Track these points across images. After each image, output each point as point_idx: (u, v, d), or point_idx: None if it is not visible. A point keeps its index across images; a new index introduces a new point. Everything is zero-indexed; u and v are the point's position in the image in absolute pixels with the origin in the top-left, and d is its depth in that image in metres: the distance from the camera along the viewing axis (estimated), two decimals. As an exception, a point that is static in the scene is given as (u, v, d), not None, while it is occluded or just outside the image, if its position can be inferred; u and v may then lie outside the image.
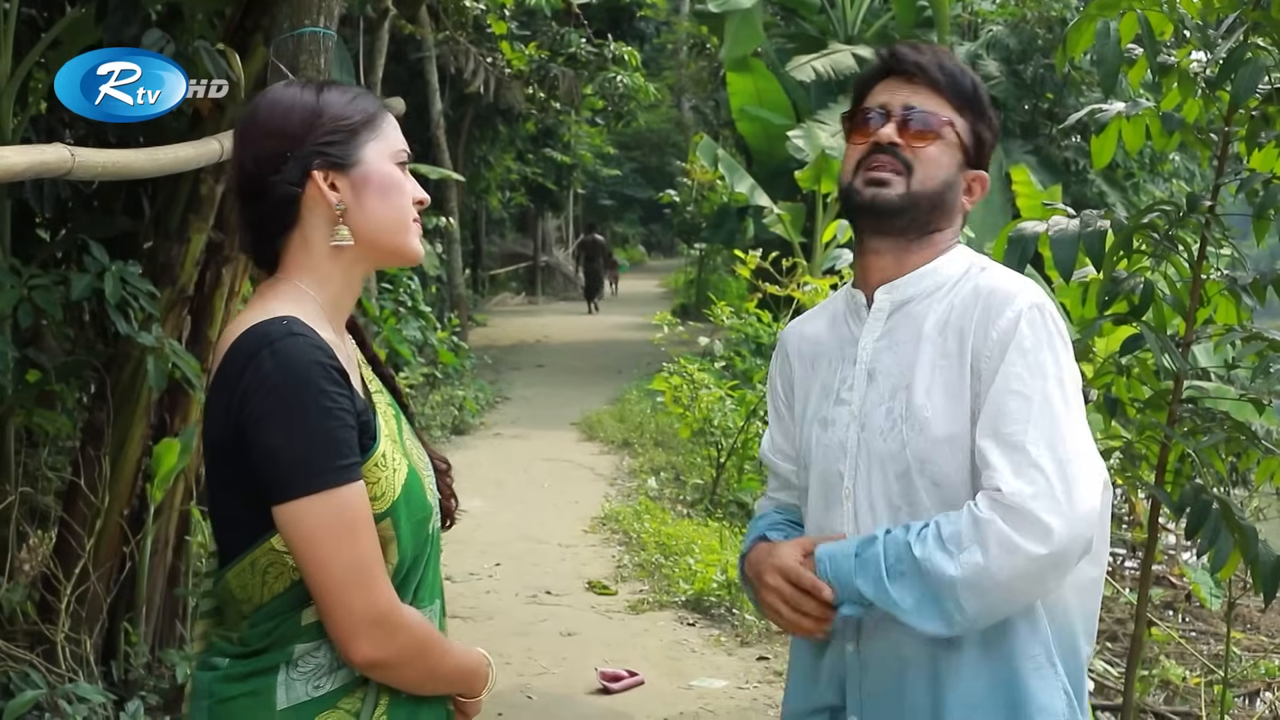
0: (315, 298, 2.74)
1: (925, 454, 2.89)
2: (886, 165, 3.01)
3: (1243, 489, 12.42)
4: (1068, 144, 24.06)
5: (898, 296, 3.04)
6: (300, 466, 2.54)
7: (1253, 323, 5.30)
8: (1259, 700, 9.80)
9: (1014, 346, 2.83)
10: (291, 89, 2.82)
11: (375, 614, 2.59)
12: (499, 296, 39.04)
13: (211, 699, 2.70)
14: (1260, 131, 5.19)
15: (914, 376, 2.94)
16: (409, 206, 2.82)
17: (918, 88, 3.04)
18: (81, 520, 6.72)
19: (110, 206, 6.88)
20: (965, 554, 2.71)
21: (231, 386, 2.59)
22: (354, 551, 2.57)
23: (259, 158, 2.74)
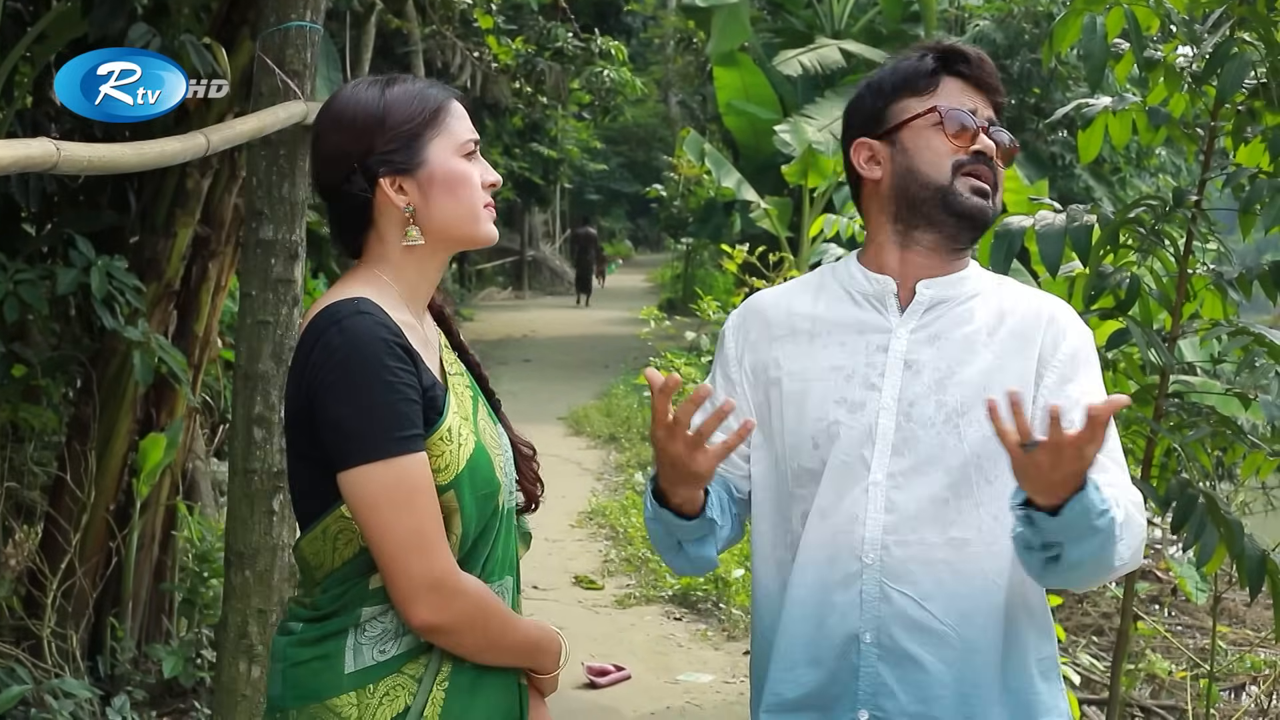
0: (391, 283, 2.84)
1: (985, 448, 2.87)
2: (987, 178, 3.01)
3: (1228, 483, 12.43)
4: (1054, 139, 24.05)
5: (938, 293, 3.02)
6: (362, 436, 2.65)
7: (1239, 317, 5.30)
8: (1244, 694, 9.82)
9: (1089, 366, 2.99)
10: (358, 92, 2.89)
11: (432, 579, 2.68)
12: (486, 291, 38.99)
13: (285, 662, 2.82)
14: (1246, 126, 5.20)
15: (969, 375, 2.94)
16: (478, 196, 2.89)
17: (980, 98, 3.05)
18: (68, 515, 6.72)
19: (96, 201, 6.87)
20: (1123, 545, 2.75)
21: (304, 361, 2.73)
22: (412, 518, 2.66)
23: (329, 166, 2.87)
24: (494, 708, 2.89)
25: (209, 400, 9.04)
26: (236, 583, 5.28)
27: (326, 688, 2.75)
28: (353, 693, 2.74)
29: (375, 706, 2.73)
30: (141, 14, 6.08)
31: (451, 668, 2.80)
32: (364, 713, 2.73)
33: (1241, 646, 10.42)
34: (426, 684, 2.77)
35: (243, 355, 5.25)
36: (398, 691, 2.75)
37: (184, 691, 7.01)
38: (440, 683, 2.78)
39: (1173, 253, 5.24)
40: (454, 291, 28.37)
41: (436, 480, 2.73)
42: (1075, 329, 3.01)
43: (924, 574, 2.90)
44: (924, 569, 2.89)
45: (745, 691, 8.15)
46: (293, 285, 5.17)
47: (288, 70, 5.08)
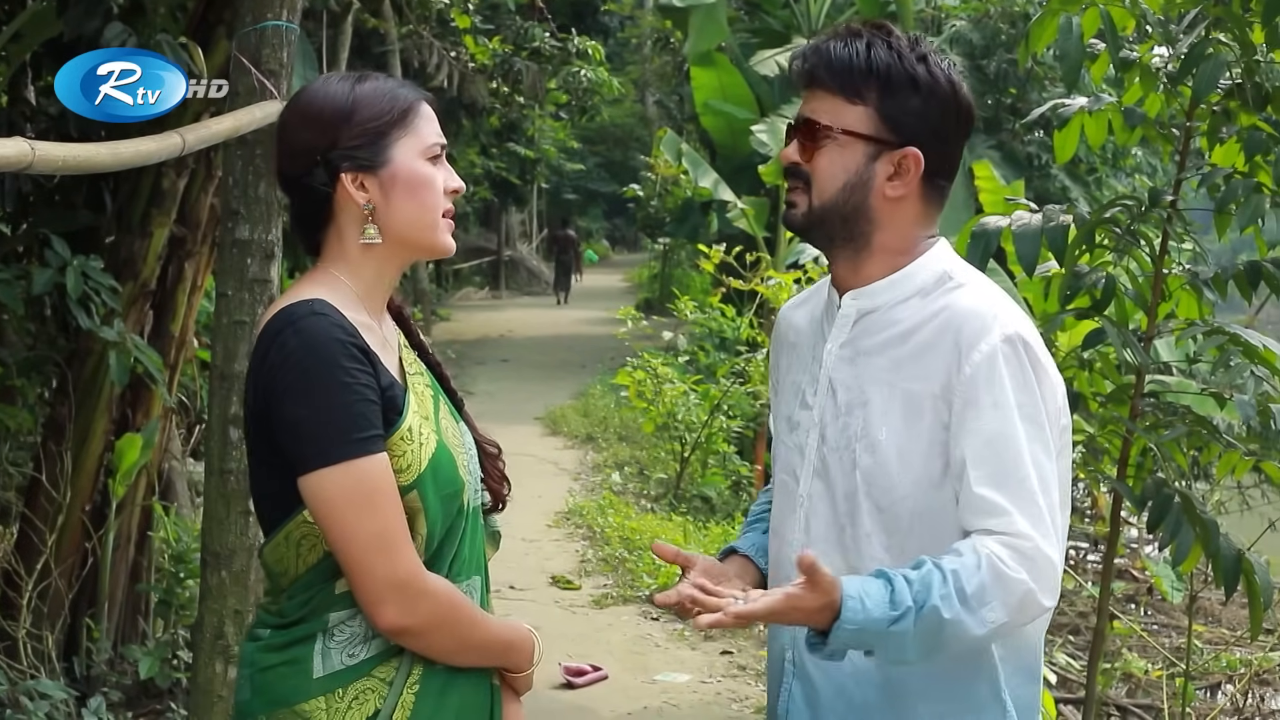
0: (349, 284, 2.83)
1: (873, 476, 2.83)
2: (794, 186, 2.93)
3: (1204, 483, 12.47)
4: (1030, 139, 24.10)
5: (865, 304, 2.93)
6: (319, 439, 2.63)
7: (1214, 317, 5.32)
8: (1220, 693, 9.87)
9: (995, 386, 2.73)
10: (328, 85, 2.88)
11: (397, 580, 2.66)
12: (463, 291, 38.96)
13: (253, 668, 2.81)
14: (1221, 126, 5.21)
15: (871, 395, 2.87)
16: (438, 203, 2.87)
17: (815, 93, 2.91)
18: (43, 516, 6.70)
19: (72, 200, 6.85)
20: (988, 611, 2.61)
21: (260, 364, 2.71)
22: (374, 520, 2.64)
23: (292, 158, 2.85)
24: (465, 710, 2.89)
25: (185, 401, 9.03)
26: (213, 583, 5.27)
27: (295, 693, 2.74)
28: (322, 697, 2.73)
29: (344, 710, 2.72)
30: (117, 13, 6.07)
31: (422, 671, 2.79)
32: (333, 717, 2.72)
33: (1217, 645, 10.47)
34: (397, 687, 2.76)
35: (219, 355, 5.24)
36: (367, 695, 2.74)
37: (160, 692, 7.00)
38: (410, 686, 2.78)
39: (1148, 253, 5.25)
40: (431, 291, 28.34)
41: (399, 480, 2.71)
42: (984, 345, 2.75)
43: None
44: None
45: (721, 692, 8.18)
46: (269, 285, 5.16)
47: (264, 70, 5.07)
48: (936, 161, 2.89)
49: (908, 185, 2.87)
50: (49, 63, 6.92)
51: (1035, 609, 2.68)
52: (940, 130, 2.88)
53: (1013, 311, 2.83)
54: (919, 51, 2.88)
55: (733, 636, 9.26)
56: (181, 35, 6.30)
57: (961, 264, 2.98)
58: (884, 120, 2.85)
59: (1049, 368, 2.81)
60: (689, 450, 14.36)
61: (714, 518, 13.21)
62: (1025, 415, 2.73)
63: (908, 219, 2.92)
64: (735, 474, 15.11)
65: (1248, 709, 9.43)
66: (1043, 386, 2.77)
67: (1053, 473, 2.75)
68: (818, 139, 2.88)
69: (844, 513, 2.89)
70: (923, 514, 2.80)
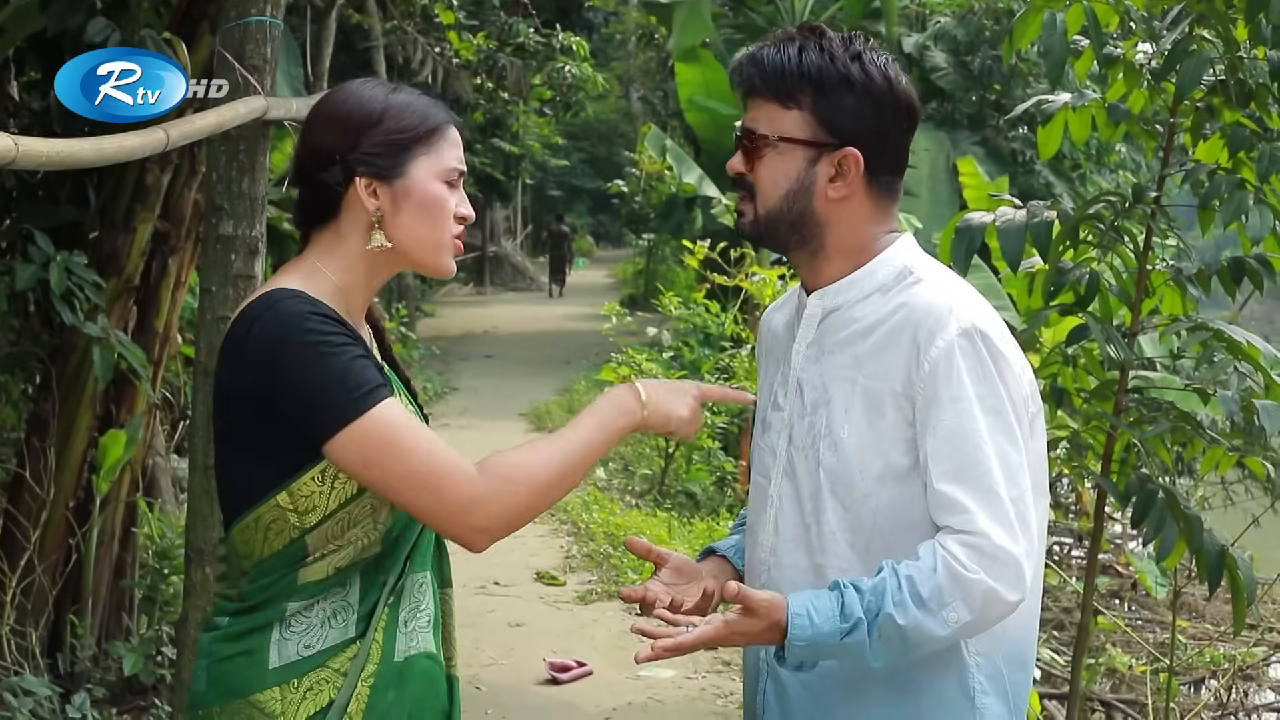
0: (331, 278, 2.84)
1: (836, 474, 2.85)
2: (741, 195, 2.97)
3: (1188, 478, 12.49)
4: (1014, 135, 24.11)
5: (828, 303, 2.95)
6: (332, 404, 2.64)
7: (1198, 313, 5.33)
8: (1204, 688, 9.88)
9: (954, 381, 2.74)
10: (363, 89, 2.91)
11: (456, 506, 2.68)
12: (447, 287, 38.89)
13: (210, 658, 2.80)
14: (1205, 123, 5.21)
15: (834, 393, 2.89)
16: (447, 226, 2.90)
17: (754, 102, 2.94)
18: (26, 512, 6.69)
19: (55, 196, 6.84)
20: (950, 611, 2.64)
21: (240, 346, 2.70)
22: (405, 461, 2.66)
23: (313, 151, 2.87)
24: (421, 702, 2.89)
25: (169, 396, 9.01)
26: (197, 579, 5.26)
27: (251, 683, 2.74)
28: (276, 688, 2.73)
29: (299, 701, 2.73)
30: (100, 9, 6.05)
31: (378, 664, 2.80)
32: (287, 707, 2.73)
33: (1201, 641, 10.49)
34: (351, 678, 2.76)
35: (202, 351, 5.23)
36: (321, 686, 2.75)
37: (144, 689, 6.99)
38: (365, 679, 2.78)
39: (1132, 249, 5.25)
40: (415, 287, 28.28)
41: None
42: (940, 341, 2.75)
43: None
44: (791, 592, 2.81)
45: (706, 687, 8.18)
46: (253, 281, 5.15)
47: (248, 65, 5.06)
48: (879, 159, 2.89)
49: (850, 185, 2.88)
50: (32, 58, 6.91)
51: (1000, 606, 2.69)
52: (879, 128, 2.88)
53: (971, 304, 2.83)
54: (852, 50, 2.88)
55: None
56: (165, 31, 6.29)
57: (923, 259, 2.97)
58: (820, 123, 2.86)
59: (1010, 357, 2.80)
60: (673, 446, 14.35)
61: (698, 513, 13.21)
62: (986, 407, 2.73)
63: (857, 218, 2.92)
64: (720, 470, 15.11)
65: (1231, 704, 9.46)
66: (1004, 376, 2.77)
67: (1020, 463, 2.74)
68: (758, 148, 2.90)
69: (809, 511, 2.90)
70: (886, 511, 2.81)
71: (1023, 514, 2.71)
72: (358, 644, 2.78)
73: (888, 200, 2.96)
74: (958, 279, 2.95)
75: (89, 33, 5.78)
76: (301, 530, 2.73)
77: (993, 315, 2.84)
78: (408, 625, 2.88)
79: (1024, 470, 2.74)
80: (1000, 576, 2.65)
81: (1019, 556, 2.67)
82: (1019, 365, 2.82)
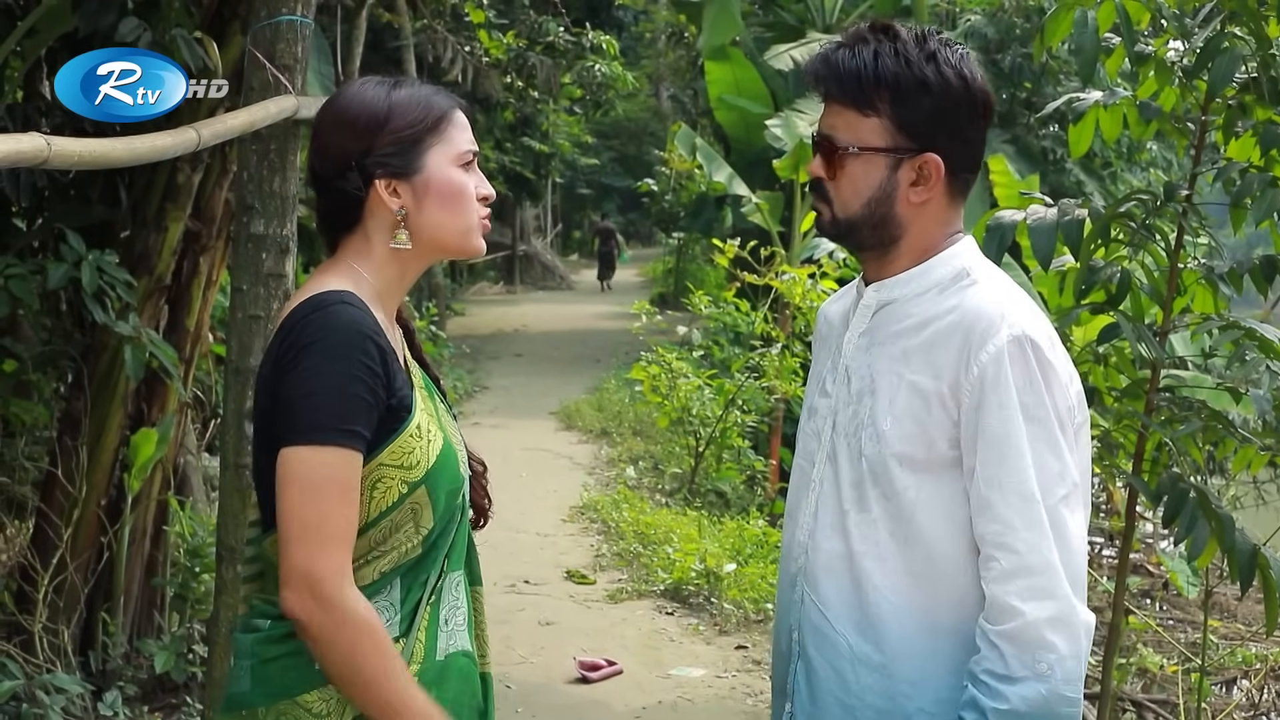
0: (370, 280, 2.86)
1: (878, 466, 2.86)
2: (818, 196, 2.97)
3: (1219, 477, 12.46)
4: (1045, 133, 24.07)
5: (884, 296, 2.96)
6: (308, 416, 2.64)
7: (1229, 311, 5.32)
8: (1236, 688, 9.85)
9: (1001, 387, 2.75)
10: (364, 90, 2.91)
11: (307, 573, 2.63)
12: (477, 285, 38.95)
13: (254, 659, 2.79)
14: (1237, 120, 5.20)
15: (879, 384, 2.90)
16: (472, 208, 2.92)
17: (831, 107, 2.94)
18: (59, 510, 6.72)
19: (87, 195, 6.86)
20: (1039, 664, 2.69)
21: (287, 347, 2.70)
22: (314, 509, 2.63)
23: (326, 161, 2.88)
24: (459, 700, 2.90)
25: (200, 395, 9.04)
26: (228, 578, 5.27)
27: (296, 684, 2.74)
28: (322, 688, 2.73)
29: (345, 702, 2.72)
30: (132, 8, 6.07)
31: (420, 663, 2.81)
32: (333, 708, 2.73)
33: (1233, 640, 10.46)
34: None
35: (234, 350, 5.24)
36: None
37: (175, 686, 7.01)
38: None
39: (1164, 247, 5.24)
40: (445, 286, 28.35)
41: (409, 476, 2.75)
42: (991, 346, 2.76)
43: (827, 581, 2.93)
44: (827, 576, 2.92)
45: (736, 686, 8.18)
46: (284, 280, 5.16)
47: (279, 65, 5.07)
48: (958, 159, 2.90)
49: (931, 189, 2.88)
50: (64, 58, 6.91)
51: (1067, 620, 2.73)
52: (956, 128, 2.88)
53: (1023, 311, 2.83)
54: (927, 50, 2.86)
55: (748, 631, 9.28)
56: (196, 30, 6.31)
57: (981, 262, 2.97)
58: (899, 129, 2.86)
59: (1059, 367, 2.80)
60: (703, 445, 14.35)
61: (728, 512, 13.20)
62: (1030, 416, 2.74)
63: (934, 219, 2.93)
64: (750, 469, 15.10)
65: (1264, 704, 9.42)
66: (1051, 386, 2.77)
67: (1059, 472, 2.75)
68: (838, 156, 2.90)
69: (849, 499, 2.91)
70: (927, 504, 2.83)
71: (1058, 522, 2.72)
72: (401, 642, 2.78)
73: (961, 198, 2.97)
74: (1012, 284, 2.95)
75: (120, 32, 5.79)
76: None
77: (1044, 323, 2.85)
78: (448, 624, 2.90)
79: (1063, 480, 2.75)
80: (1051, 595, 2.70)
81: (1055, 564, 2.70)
82: (1066, 375, 2.82)
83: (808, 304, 13.20)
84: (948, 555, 2.81)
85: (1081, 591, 2.76)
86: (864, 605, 2.86)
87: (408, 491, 2.75)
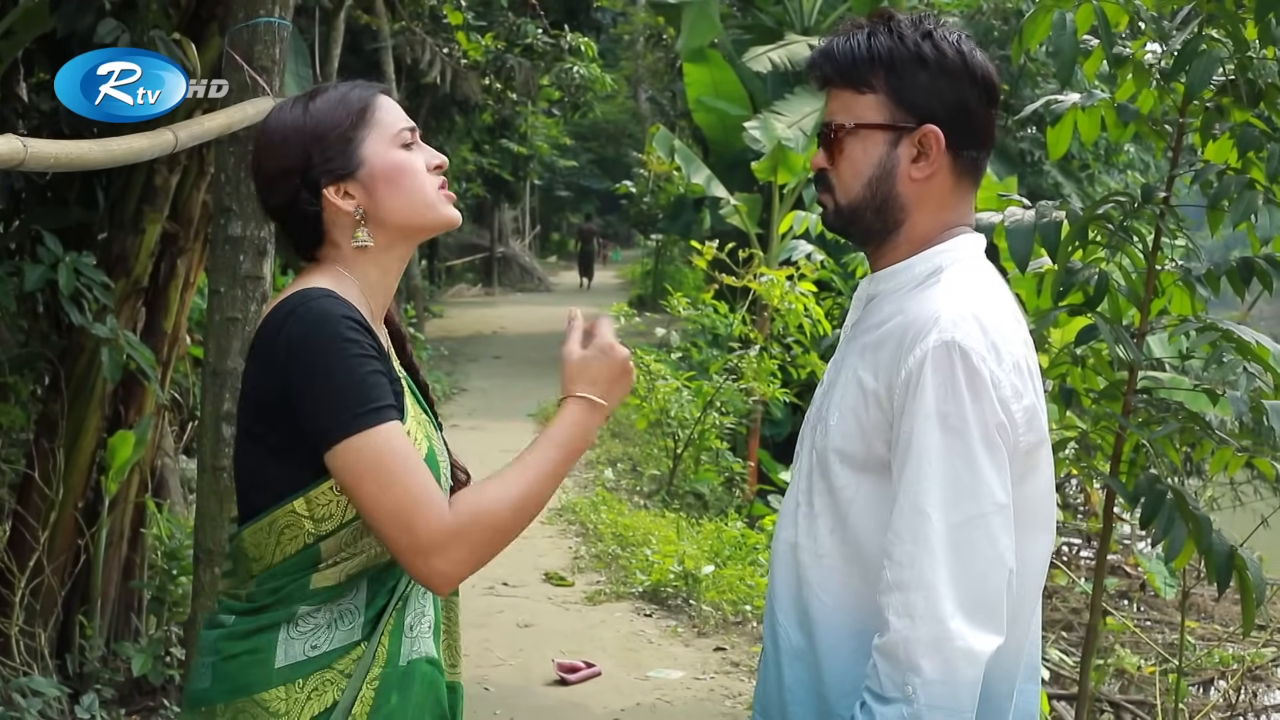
0: (354, 280, 2.87)
1: (823, 459, 2.83)
2: (821, 189, 2.95)
3: (1197, 479, 12.50)
4: (1023, 135, 24.16)
5: (873, 289, 2.94)
6: (336, 414, 2.64)
7: (1207, 313, 5.33)
8: (1213, 689, 9.89)
9: (920, 393, 2.64)
10: (282, 113, 2.92)
11: (421, 546, 2.64)
12: (455, 288, 38.94)
13: (216, 655, 2.80)
14: (1214, 123, 5.21)
15: (838, 378, 2.88)
16: (424, 182, 2.90)
17: (831, 94, 2.91)
18: (35, 513, 6.70)
19: (64, 197, 6.84)
20: (908, 686, 2.56)
21: (271, 344, 2.71)
22: (388, 495, 2.63)
23: (273, 187, 2.89)
24: (423, 707, 2.90)
25: (178, 397, 9.01)
26: (205, 580, 5.26)
27: (256, 682, 2.74)
28: (282, 687, 2.73)
29: (303, 701, 2.73)
30: (110, 9, 6.05)
31: (383, 667, 2.80)
32: (291, 707, 2.73)
33: (1210, 641, 10.50)
34: (356, 680, 2.76)
35: (211, 352, 5.23)
36: (326, 686, 2.75)
37: (153, 689, 6.99)
38: (370, 681, 2.78)
39: (1141, 249, 5.25)
40: (424, 288, 28.32)
41: None
42: (919, 350, 2.66)
43: (779, 573, 2.93)
44: (779, 568, 2.92)
45: (715, 688, 8.17)
46: (261, 282, 5.15)
47: (256, 66, 5.07)
48: (960, 134, 2.83)
49: (933, 164, 2.81)
50: (42, 59, 6.90)
51: (941, 645, 2.57)
52: (957, 102, 2.82)
53: (964, 318, 2.68)
54: (922, 29, 2.83)
55: (726, 633, 9.28)
56: (174, 31, 6.30)
57: (962, 263, 2.86)
58: (896, 104, 2.81)
59: (990, 379, 2.64)
60: (682, 447, 14.36)
61: (707, 514, 13.22)
62: (947, 426, 2.62)
63: (938, 202, 2.86)
64: (728, 470, 15.12)
65: (1240, 705, 9.45)
66: (979, 398, 2.63)
67: (973, 489, 2.62)
68: (838, 139, 2.86)
69: (802, 490, 2.90)
70: (861, 506, 2.76)
71: (961, 541, 2.60)
72: (363, 646, 2.78)
73: (971, 178, 2.89)
74: (983, 290, 2.81)
75: (98, 34, 5.78)
76: (316, 537, 2.73)
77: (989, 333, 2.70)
78: (412, 630, 2.89)
79: (975, 497, 2.61)
80: (921, 615, 2.58)
81: (934, 583, 2.58)
82: (1007, 388, 2.67)
83: (786, 306, 13.23)
84: (877, 559, 2.69)
85: (986, 619, 2.59)
86: (801, 599, 2.84)
87: None
